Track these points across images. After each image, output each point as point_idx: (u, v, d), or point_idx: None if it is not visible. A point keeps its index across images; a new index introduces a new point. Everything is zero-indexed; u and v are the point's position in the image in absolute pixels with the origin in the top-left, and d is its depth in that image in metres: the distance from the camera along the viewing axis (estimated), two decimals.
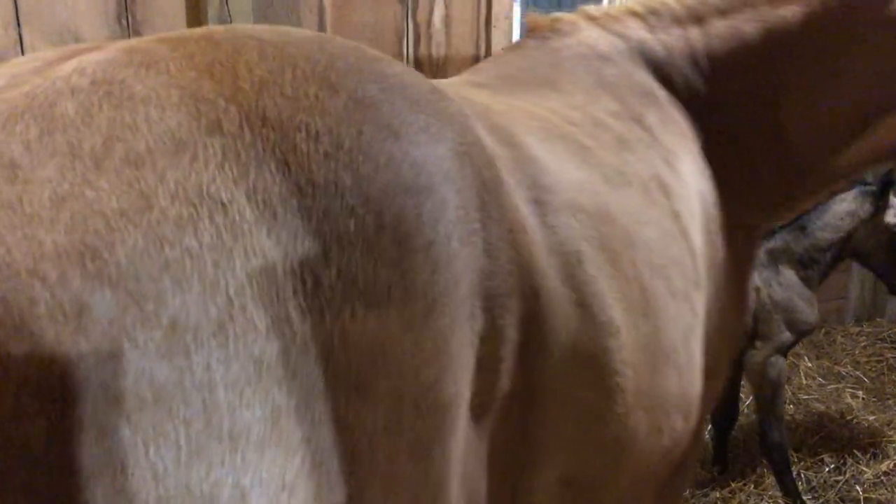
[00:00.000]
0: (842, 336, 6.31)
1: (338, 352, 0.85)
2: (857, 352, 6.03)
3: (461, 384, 1.02)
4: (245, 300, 0.78)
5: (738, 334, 2.15)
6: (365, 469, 0.88)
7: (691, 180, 1.87)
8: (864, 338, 6.32)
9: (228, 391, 0.76)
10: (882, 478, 4.34)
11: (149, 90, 0.85)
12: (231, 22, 3.19)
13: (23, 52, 3.19)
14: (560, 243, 1.31)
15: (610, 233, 1.45)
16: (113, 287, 0.73)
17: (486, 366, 1.10)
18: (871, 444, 4.63)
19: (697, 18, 2.07)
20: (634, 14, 2.09)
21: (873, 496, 4.15)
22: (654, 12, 2.09)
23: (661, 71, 2.02)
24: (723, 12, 2.06)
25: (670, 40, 2.05)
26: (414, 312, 0.93)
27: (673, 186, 1.76)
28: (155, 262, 0.75)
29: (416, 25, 3.84)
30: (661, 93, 1.98)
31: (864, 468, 4.39)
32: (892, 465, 4.45)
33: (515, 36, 4.11)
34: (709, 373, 1.84)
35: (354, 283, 0.87)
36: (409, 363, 0.92)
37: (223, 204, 0.80)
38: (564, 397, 1.29)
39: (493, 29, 4.00)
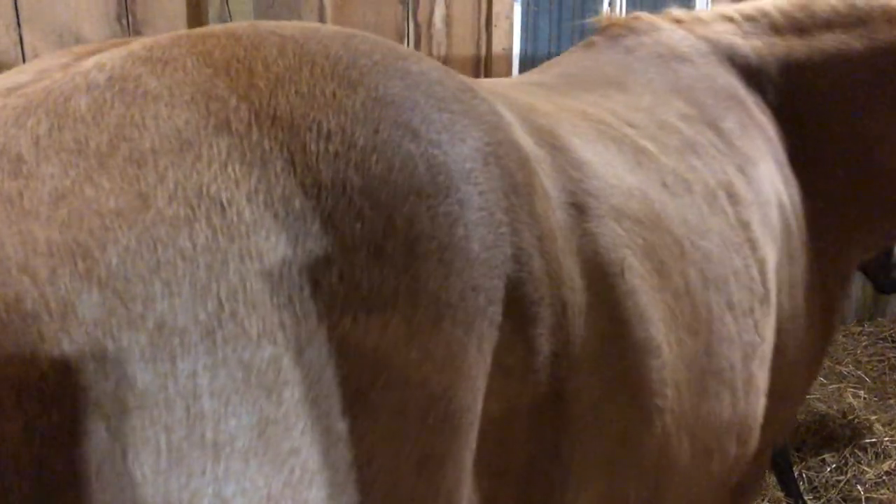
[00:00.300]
0: (843, 335, 6.30)
1: (336, 359, 0.81)
2: (858, 351, 6.03)
3: (478, 396, 0.97)
4: (236, 305, 0.76)
5: (821, 356, 2.05)
6: (365, 482, 0.84)
7: (769, 189, 1.79)
8: (865, 337, 6.32)
9: (214, 399, 0.73)
10: (884, 477, 4.34)
11: (162, 87, 0.84)
12: (231, 21, 3.18)
13: (23, 53, 3.19)
14: (600, 251, 1.24)
15: (660, 242, 1.38)
16: (101, 287, 0.71)
17: (513, 376, 1.05)
18: (872, 444, 4.62)
19: (800, 29, 2.00)
20: (728, 19, 2.05)
21: (875, 496, 4.15)
22: (750, 19, 2.04)
23: (752, 77, 1.96)
24: (830, 26, 2.00)
25: (765, 48, 1.99)
26: (422, 320, 0.88)
27: (744, 195, 1.68)
28: (146, 264, 0.73)
29: (416, 25, 3.84)
30: (748, 98, 1.92)
31: (866, 468, 4.39)
32: (893, 465, 4.44)
33: (516, 36, 4.10)
34: (778, 394, 1.74)
35: (357, 287, 0.83)
36: (415, 373, 0.88)
37: (222, 205, 0.78)
38: (600, 416, 1.22)
39: (493, 29, 3.99)
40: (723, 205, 1.61)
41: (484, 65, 4.02)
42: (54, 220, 0.73)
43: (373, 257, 0.85)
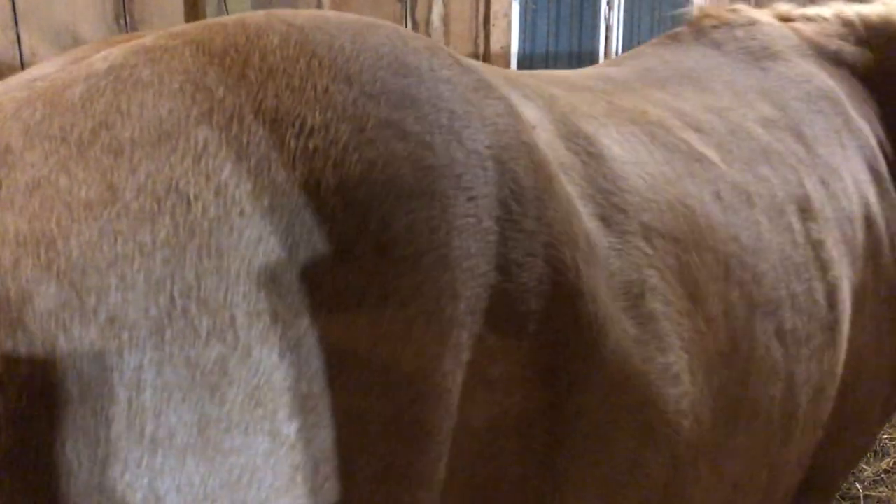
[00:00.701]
0: None
1: (289, 361, 0.80)
2: None
3: (452, 408, 0.94)
4: (188, 302, 0.75)
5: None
6: (312, 487, 0.83)
7: (856, 203, 1.65)
8: None
9: (156, 394, 0.73)
10: (882, 475, 4.34)
11: (154, 76, 0.83)
12: None
13: (21, 52, 3.19)
14: (622, 270, 1.17)
15: (697, 262, 1.28)
16: (59, 279, 0.72)
17: (497, 389, 1.01)
18: None
19: None
20: (845, 23, 1.95)
21: (873, 494, 4.15)
22: (870, 27, 1.94)
23: (856, 83, 1.86)
24: None
25: (878, 56, 1.89)
26: (390, 326, 0.86)
27: (820, 209, 1.55)
28: (105, 257, 0.73)
29: (414, 24, 3.83)
30: (848, 104, 1.80)
31: (864, 466, 4.38)
32: (892, 463, 4.44)
33: (514, 34, 4.10)
34: (847, 423, 1.64)
35: (318, 289, 0.81)
36: (378, 380, 0.85)
37: (188, 200, 0.77)
38: (605, 439, 1.15)
39: (491, 27, 3.99)
40: (790, 220, 1.49)
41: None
42: (26, 209, 0.74)
43: (338, 259, 0.83)
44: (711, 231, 1.32)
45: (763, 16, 1.90)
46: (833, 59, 1.86)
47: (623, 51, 4.53)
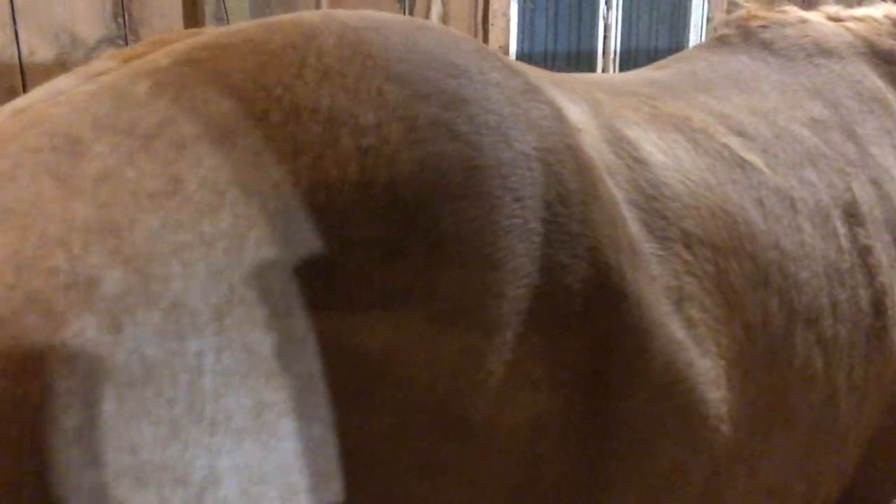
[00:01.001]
0: None
1: (342, 353, 0.82)
2: None
3: (496, 406, 0.96)
4: (247, 291, 0.78)
5: None
6: (355, 477, 0.85)
7: None
8: None
9: (216, 378, 0.76)
10: None
11: (216, 73, 0.87)
12: (227, 20, 3.18)
13: (19, 51, 3.19)
14: (663, 276, 1.18)
15: (737, 269, 1.28)
16: (125, 265, 0.75)
17: (541, 390, 1.02)
18: None
19: None
20: (894, 21, 1.90)
21: None
22: None
23: None
24: None
25: None
26: (436, 323, 0.88)
27: (869, 213, 1.52)
28: (168, 245, 0.76)
29: None
30: None
31: None
32: None
33: (513, 33, 4.10)
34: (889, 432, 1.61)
35: (370, 285, 0.84)
36: (423, 375, 0.87)
37: (247, 194, 0.80)
38: (648, 443, 1.16)
39: (490, 26, 3.99)
40: (835, 226, 1.46)
41: None
42: (95, 198, 0.77)
43: (389, 257, 0.85)
44: (752, 238, 1.32)
45: (813, 15, 1.87)
46: (886, 58, 1.83)
47: (621, 50, 4.53)
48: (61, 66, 3.25)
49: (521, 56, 4.16)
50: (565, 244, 1.02)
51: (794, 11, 1.87)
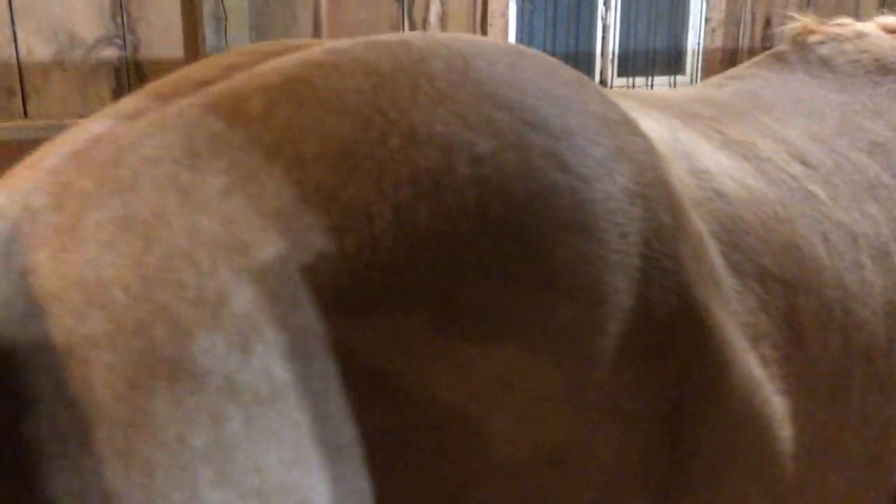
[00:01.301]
0: None
1: (460, 380, 0.83)
2: None
3: (590, 439, 0.97)
4: (371, 316, 0.79)
5: None
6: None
7: None
8: None
9: (340, 404, 0.77)
10: None
11: (329, 93, 0.86)
12: (226, 19, 3.18)
13: (17, 50, 3.18)
14: (740, 312, 1.18)
15: (804, 306, 1.27)
16: (254, 283, 0.75)
17: (628, 423, 1.04)
18: None
19: None
20: None
21: None
22: None
23: None
24: None
25: None
26: (544, 357, 0.89)
27: None
28: (294, 266, 0.76)
29: (412, 23, 3.83)
30: None
31: None
32: None
33: (512, 34, 4.10)
34: None
35: (484, 314, 0.84)
36: (531, 409, 0.88)
37: (371, 218, 0.80)
38: (717, 476, 1.17)
39: (488, 27, 3.99)
40: (893, 262, 1.45)
41: None
42: (218, 213, 0.77)
43: (505, 285, 0.86)
44: (818, 275, 1.32)
45: (870, 28, 1.82)
46: None
47: (619, 51, 4.54)
48: (59, 65, 3.25)
49: None
50: (658, 280, 1.02)
51: (851, 25, 1.82)
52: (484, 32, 4.01)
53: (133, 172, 0.80)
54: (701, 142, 1.34)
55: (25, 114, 3.21)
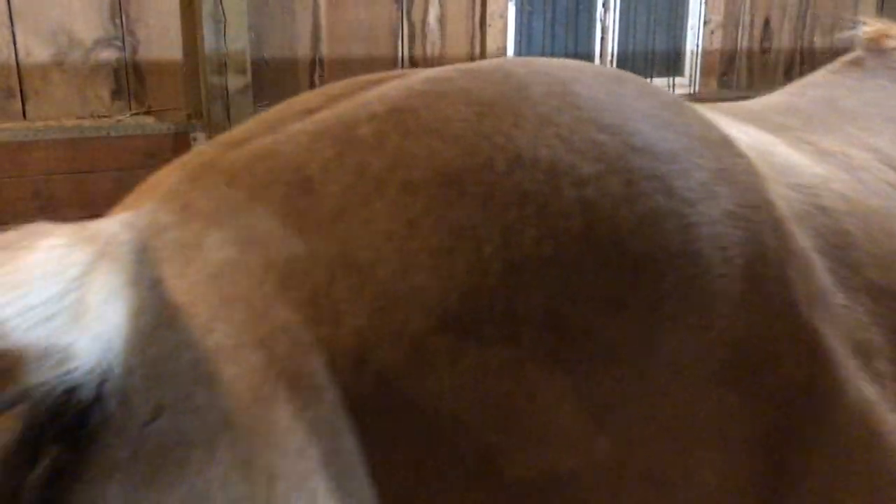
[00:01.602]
0: None
1: (569, 404, 0.85)
2: None
3: (692, 464, 0.98)
4: (481, 337, 0.84)
5: None
6: None
7: None
8: None
9: (448, 422, 0.80)
10: None
11: (434, 121, 0.89)
12: (225, 19, 3.18)
13: (16, 51, 3.18)
14: (852, 329, 1.16)
15: None
16: (369, 301, 0.78)
17: (731, 448, 1.04)
18: None
19: None
20: None
21: None
22: None
23: None
24: None
25: None
26: (652, 382, 0.89)
27: None
28: (407, 286, 0.80)
29: (411, 24, 3.83)
30: None
31: None
32: None
33: (510, 35, 4.10)
34: None
35: (594, 339, 0.85)
36: (637, 432, 0.89)
37: (478, 240, 0.82)
38: (828, 500, 1.15)
39: (488, 28, 3.99)
40: None
41: None
42: (333, 235, 0.81)
43: (615, 309, 0.87)
44: None
45: None
46: None
47: (618, 53, 4.54)
48: (58, 66, 3.25)
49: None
50: (764, 303, 1.01)
51: None
52: (483, 34, 4.01)
53: (248, 195, 0.84)
54: (796, 155, 1.32)
55: (24, 115, 3.21)
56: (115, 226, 0.81)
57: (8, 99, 3.20)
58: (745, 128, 1.30)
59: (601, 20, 4.48)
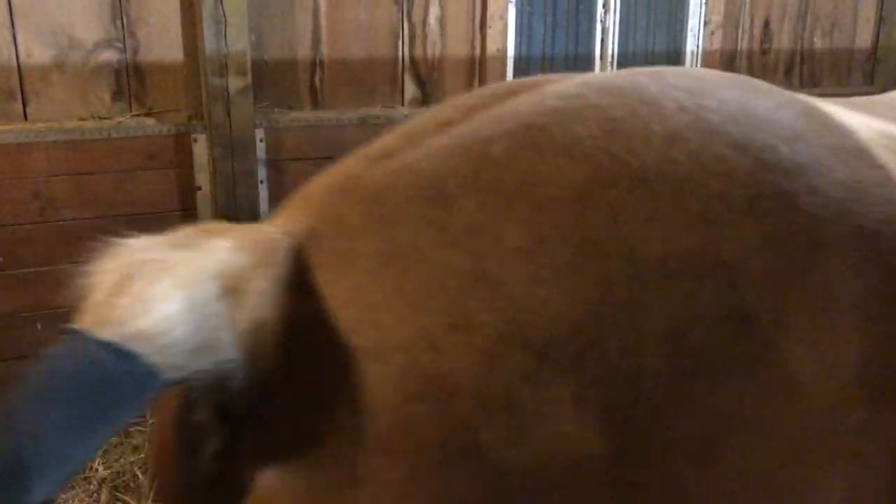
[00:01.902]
0: None
1: (690, 418, 0.87)
2: None
3: (820, 478, 0.98)
4: (601, 348, 0.88)
5: None
6: None
7: None
8: None
9: (575, 423, 0.84)
10: None
11: (565, 139, 0.92)
12: (225, 20, 3.18)
13: (17, 52, 3.18)
14: None
15: None
16: (498, 312, 0.82)
17: (863, 461, 1.04)
18: None
19: None
20: None
21: None
22: None
23: None
24: None
25: None
26: (776, 396, 0.90)
27: None
28: (536, 299, 0.82)
29: (411, 25, 3.83)
30: None
31: None
32: None
33: (511, 37, 4.10)
34: None
35: (715, 354, 0.87)
36: (758, 444, 0.90)
37: (605, 255, 0.84)
38: None
39: (488, 29, 3.99)
40: None
41: (478, 66, 4.02)
42: (466, 248, 0.85)
43: (738, 326, 0.89)
44: None
45: None
46: None
47: (618, 54, 4.54)
48: (59, 67, 3.25)
49: (518, 59, 4.16)
50: (888, 320, 1.00)
51: None
52: (483, 34, 4.01)
53: (392, 210, 0.89)
54: None
55: (25, 117, 3.21)
56: (276, 233, 0.88)
57: (9, 100, 3.20)
58: (877, 125, 1.26)
59: (601, 21, 4.48)
